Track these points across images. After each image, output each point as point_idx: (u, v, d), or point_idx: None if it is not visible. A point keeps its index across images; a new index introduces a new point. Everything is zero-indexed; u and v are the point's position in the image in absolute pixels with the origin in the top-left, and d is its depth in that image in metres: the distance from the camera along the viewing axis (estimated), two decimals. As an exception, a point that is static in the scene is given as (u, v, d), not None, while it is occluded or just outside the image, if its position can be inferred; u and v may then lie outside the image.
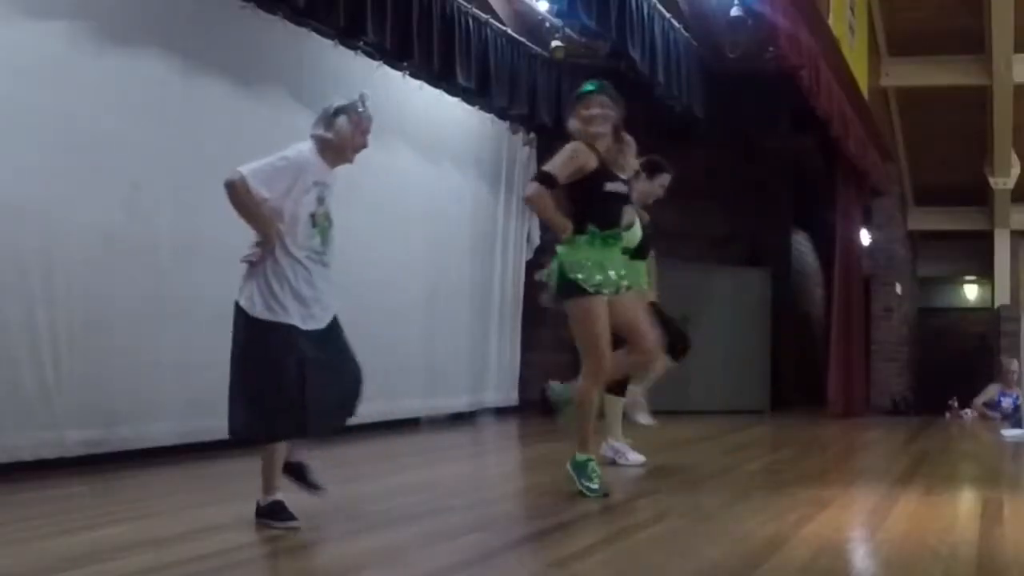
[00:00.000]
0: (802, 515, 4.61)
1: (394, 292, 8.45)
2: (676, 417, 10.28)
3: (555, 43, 9.42)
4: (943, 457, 7.67)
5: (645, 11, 8.23)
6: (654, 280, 6.43)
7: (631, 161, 5.20)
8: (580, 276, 4.87)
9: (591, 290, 4.88)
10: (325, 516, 4.32)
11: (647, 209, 6.40)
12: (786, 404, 11.94)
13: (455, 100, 9.27)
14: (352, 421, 4.43)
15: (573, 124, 5.05)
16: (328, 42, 7.69)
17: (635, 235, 6.06)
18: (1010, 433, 9.01)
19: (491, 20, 8.96)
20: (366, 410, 4.40)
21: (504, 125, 10.35)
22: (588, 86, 5.12)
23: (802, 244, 14.77)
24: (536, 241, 10.82)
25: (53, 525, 4.20)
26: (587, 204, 4.97)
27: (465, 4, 8.49)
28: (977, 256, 14.48)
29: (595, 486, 4.89)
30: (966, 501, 5.53)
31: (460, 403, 9.72)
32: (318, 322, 4.20)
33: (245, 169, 4.12)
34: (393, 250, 8.48)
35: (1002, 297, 13.36)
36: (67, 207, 5.69)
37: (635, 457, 6.25)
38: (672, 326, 6.47)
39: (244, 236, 4.24)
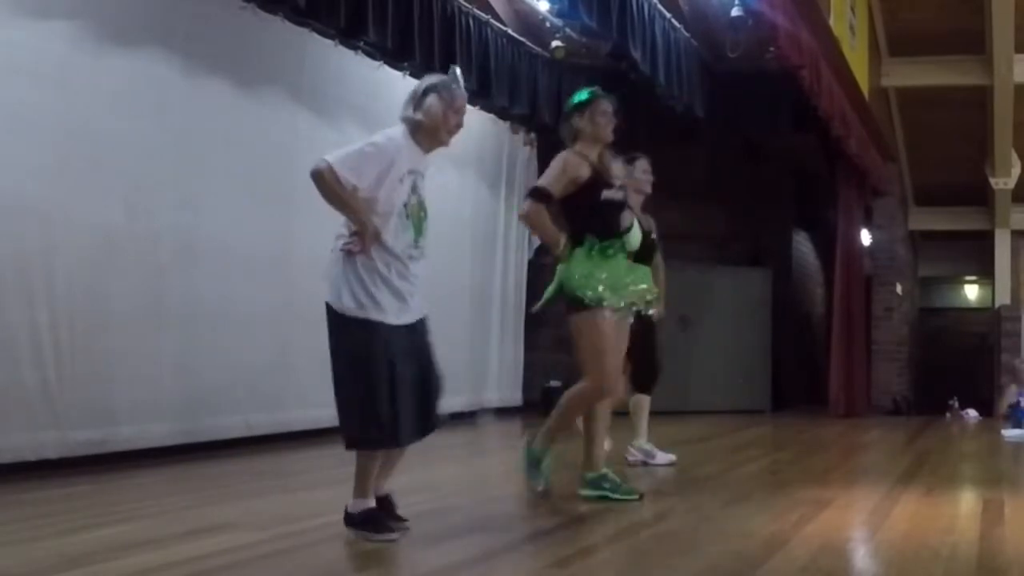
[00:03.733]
0: (802, 515, 4.61)
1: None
2: (676, 417, 10.29)
3: (556, 43, 9.41)
4: (944, 457, 7.67)
5: (646, 11, 8.23)
6: (661, 292, 6.12)
7: (616, 170, 5.15)
8: (588, 292, 4.77)
9: (595, 303, 4.77)
10: (325, 516, 4.31)
11: (645, 209, 6.33)
12: (787, 404, 11.94)
13: (455, 100, 9.26)
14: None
15: (580, 123, 4.90)
16: (329, 42, 7.69)
17: (635, 238, 5.97)
18: (1010, 433, 9.01)
19: (491, 20, 8.95)
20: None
21: (505, 125, 10.35)
22: (595, 91, 5.02)
23: (803, 244, 14.76)
24: (537, 240, 10.82)
25: (54, 525, 4.20)
26: (584, 215, 4.86)
27: (466, 4, 8.48)
28: (977, 256, 14.49)
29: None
30: (966, 501, 5.52)
31: (460, 403, 9.72)
32: (411, 315, 3.99)
33: (332, 157, 3.85)
34: (393, 250, 8.47)
35: (1003, 297, 13.36)
36: (68, 207, 5.69)
37: (664, 457, 6.39)
38: (651, 357, 6.37)
39: (245, 236, 4.22)
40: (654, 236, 6.27)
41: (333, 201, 3.87)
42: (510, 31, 9.35)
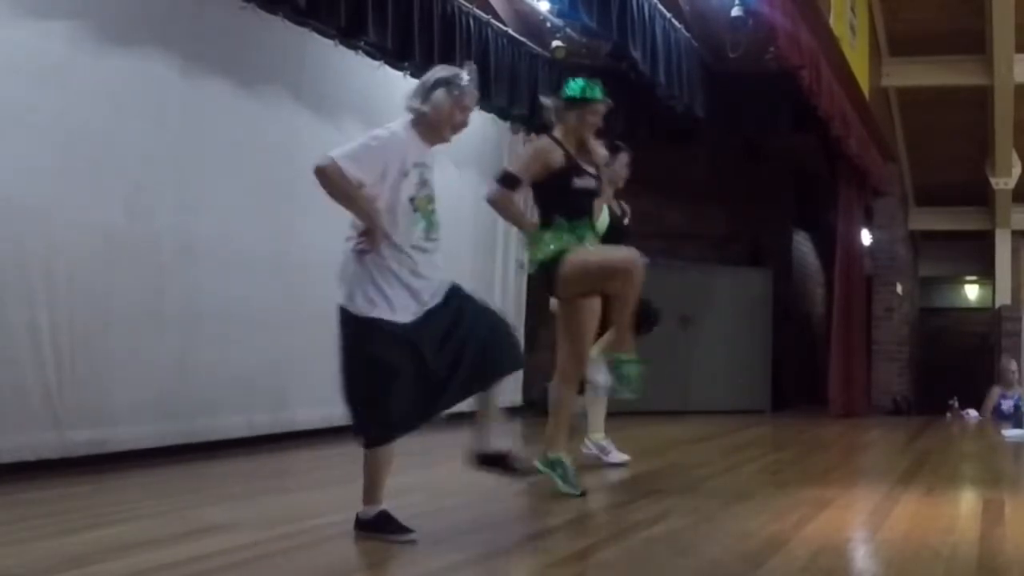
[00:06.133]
0: (802, 515, 4.62)
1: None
2: (676, 417, 10.30)
3: (556, 43, 9.41)
4: (944, 457, 7.66)
5: (646, 11, 8.23)
6: None
7: (601, 153, 5.14)
8: (552, 247, 4.82)
9: (567, 251, 4.82)
10: (325, 516, 4.32)
11: (618, 194, 6.30)
12: (787, 404, 11.94)
13: (456, 100, 9.25)
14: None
15: (568, 117, 4.95)
16: (329, 42, 7.68)
17: (602, 222, 6.02)
18: (1010, 433, 9.01)
19: (492, 20, 8.95)
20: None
21: (505, 125, 10.34)
22: (594, 91, 5.02)
23: (803, 244, 14.77)
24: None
25: (54, 525, 4.19)
26: (555, 201, 4.91)
27: (466, 4, 8.48)
28: (978, 256, 14.48)
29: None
30: (967, 501, 5.52)
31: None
32: (433, 303, 3.88)
33: (336, 153, 3.76)
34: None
35: (1003, 297, 13.36)
36: (68, 207, 5.69)
37: (617, 456, 6.25)
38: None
39: (246, 236, 4.20)
40: (627, 221, 6.28)
41: (339, 198, 3.80)
42: (510, 31, 9.34)
